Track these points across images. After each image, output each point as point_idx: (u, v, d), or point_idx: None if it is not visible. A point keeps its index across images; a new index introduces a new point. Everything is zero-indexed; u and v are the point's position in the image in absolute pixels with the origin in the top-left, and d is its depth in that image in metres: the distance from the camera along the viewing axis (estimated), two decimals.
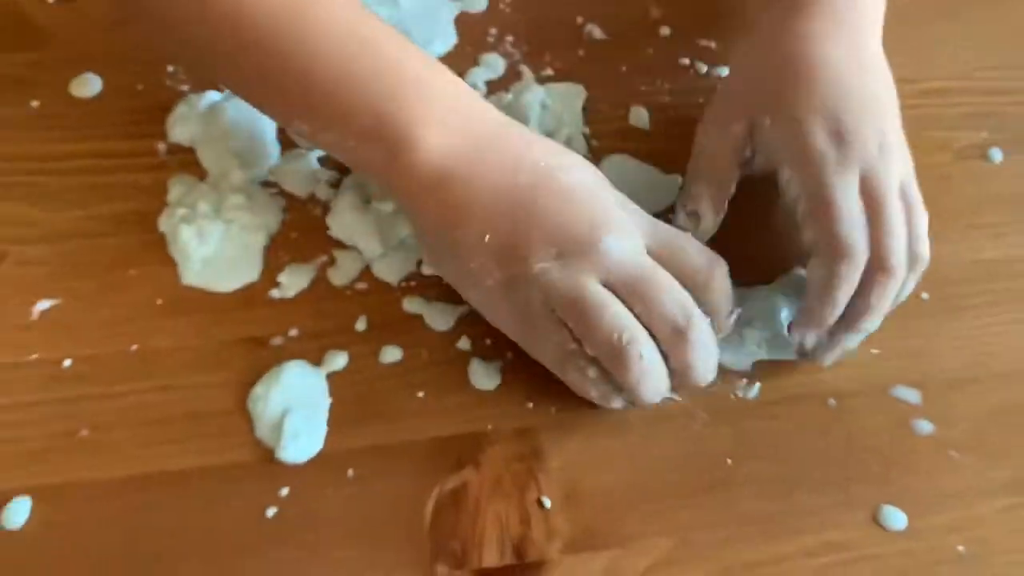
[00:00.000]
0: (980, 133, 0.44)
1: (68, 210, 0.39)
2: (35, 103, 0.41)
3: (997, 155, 0.44)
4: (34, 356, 0.36)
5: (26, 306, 0.37)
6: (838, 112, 0.37)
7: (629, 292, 0.34)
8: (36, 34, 0.43)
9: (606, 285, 0.34)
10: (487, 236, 0.34)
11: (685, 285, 0.35)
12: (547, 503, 0.34)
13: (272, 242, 0.39)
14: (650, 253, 0.35)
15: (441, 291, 0.38)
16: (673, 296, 0.34)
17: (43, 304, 0.37)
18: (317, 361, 0.36)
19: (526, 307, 0.35)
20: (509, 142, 0.36)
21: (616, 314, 0.34)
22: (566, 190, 0.35)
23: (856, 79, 0.38)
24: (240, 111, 0.41)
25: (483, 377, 0.37)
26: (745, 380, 0.37)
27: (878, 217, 0.36)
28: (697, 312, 0.35)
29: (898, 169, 0.37)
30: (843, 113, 0.37)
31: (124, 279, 0.38)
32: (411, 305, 0.38)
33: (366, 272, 0.38)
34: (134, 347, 0.36)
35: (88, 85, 0.42)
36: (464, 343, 0.37)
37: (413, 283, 0.39)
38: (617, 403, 0.36)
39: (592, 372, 0.35)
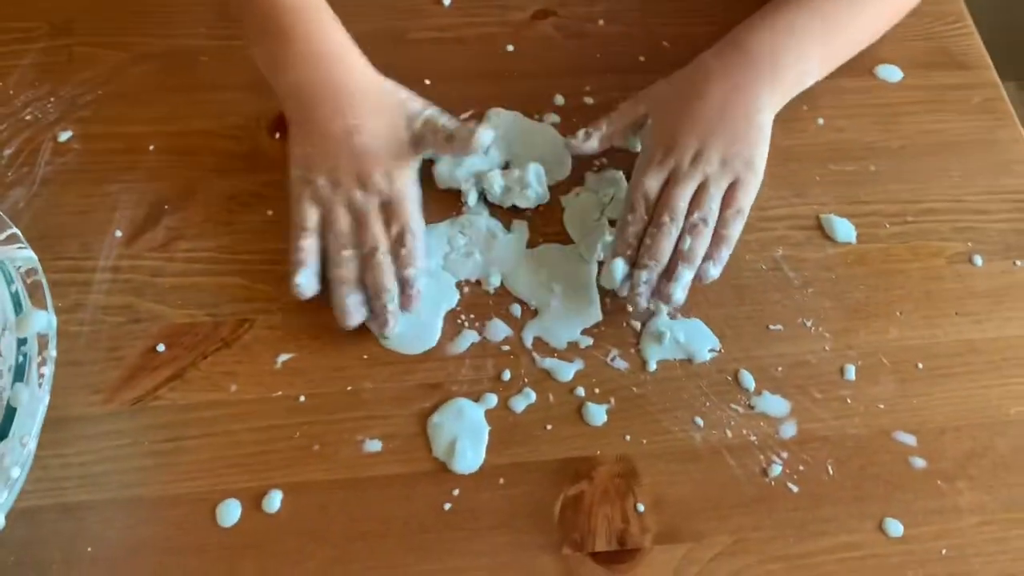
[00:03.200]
0: (966, 243, 0.57)
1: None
2: (270, 212, 0.57)
3: (979, 260, 0.57)
4: (279, 393, 0.51)
5: (272, 357, 0.52)
6: (674, 129, 0.56)
7: (356, 223, 0.54)
8: (268, 161, 0.59)
9: (348, 210, 0.54)
10: (306, 147, 0.55)
11: (388, 232, 0.54)
12: (640, 508, 0.48)
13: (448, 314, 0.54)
14: (384, 206, 0.54)
15: (563, 354, 0.53)
16: (373, 232, 0.53)
17: (284, 356, 0.52)
18: (476, 400, 0.51)
19: (302, 196, 0.54)
20: (340, 99, 0.55)
21: (343, 227, 0.53)
22: (357, 150, 0.54)
23: (719, 114, 0.55)
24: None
25: (594, 416, 0.51)
26: (779, 423, 0.51)
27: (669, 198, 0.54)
28: (383, 247, 0.53)
29: (726, 181, 0.54)
30: (682, 134, 0.55)
31: (340, 338, 0.53)
32: (542, 363, 0.52)
33: (510, 338, 0.53)
34: (349, 388, 0.51)
35: None
36: (580, 391, 0.52)
37: (542, 347, 0.53)
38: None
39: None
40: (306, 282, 0.52)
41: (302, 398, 0.51)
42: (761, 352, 0.53)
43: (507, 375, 0.52)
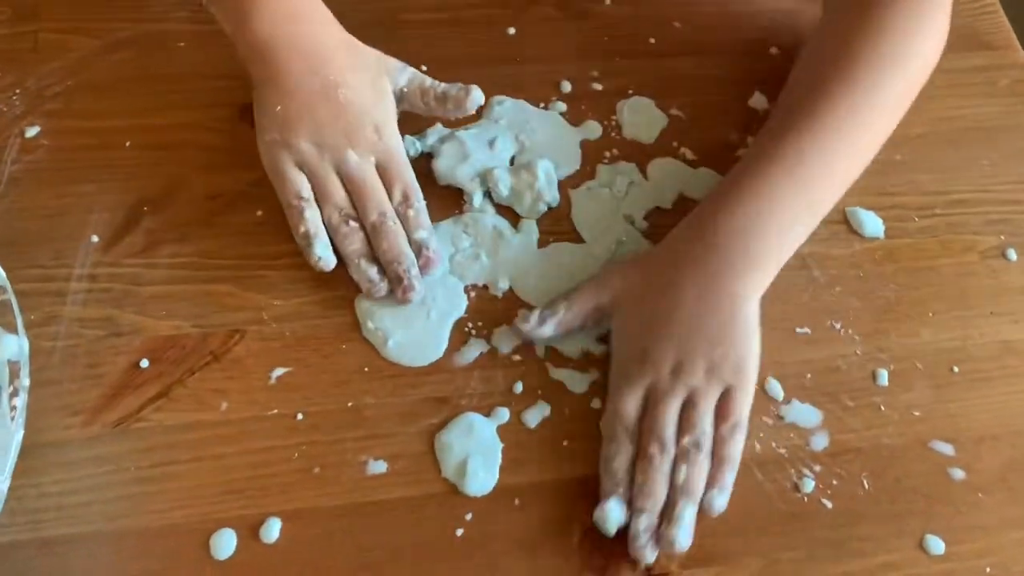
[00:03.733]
0: (999, 236, 0.54)
1: (291, 297, 0.50)
2: (259, 212, 0.53)
3: (1013, 255, 0.54)
4: (274, 411, 0.47)
5: (265, 372, 0.48)
6: (645, 337, 0.47)
7: (353, 189, 0.50)
8: (256, 155, 0.54)
9: (340, 176, 0.50)
10: (278, 107, 0.50)
11: (391, 196, 0.51)
12: None
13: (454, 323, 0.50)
14: (377, 167, 0.51)
15: (577, 363, 0.49)
16: (376, 198, 0.50)
17: (279, 371, 0.48)
18: (488, 414, 0.48)
19: (283, 163, 0.50)
20: (315, 53, 0.51)
21: (341, 198, 0.50)
22: (340, 105, 0.51)
23: (696, 313, 0.47)
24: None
25: None
26: (811, 435, 0.48)
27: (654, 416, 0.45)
28: (390, 212, 0.50)
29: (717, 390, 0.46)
30: (656, 342, 0.47)
31: (338, 351, 0.49)
32: (556, 373, 0.49)
33: (520, 347, 0.50)
34: (349, 404, 0.48)
35: None
36: (596, 403, 0.48)
37: (555, 357, 0.50)
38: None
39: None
40: (326, 253, 0.49)
41: (299, 416, 0.47)
42: (789, 358, 0.50)
43: (519, 387, 0.48)
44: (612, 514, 0.44)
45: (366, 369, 0.49)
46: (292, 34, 0.51)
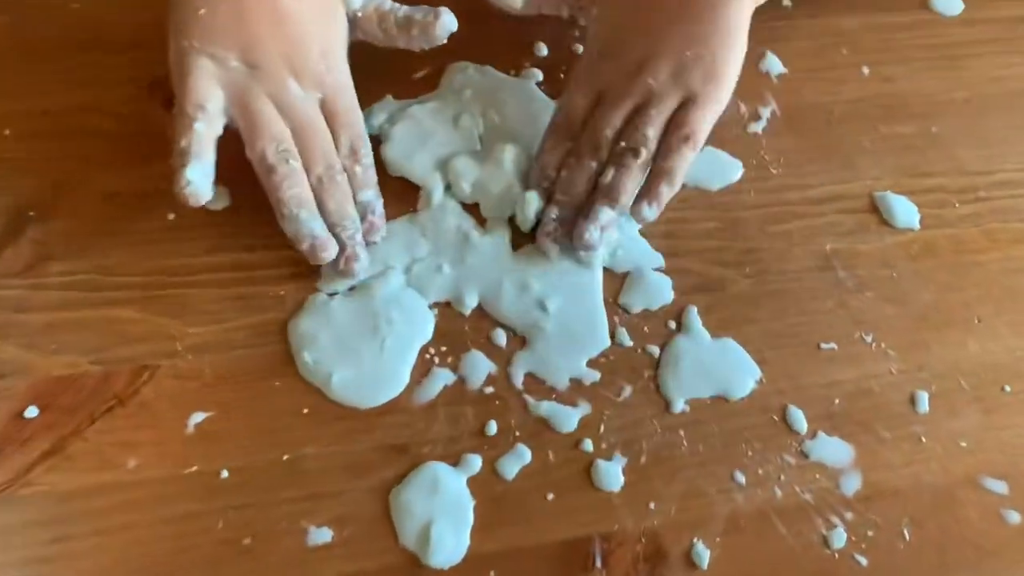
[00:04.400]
0: None
1: (211, 323, 0.41)
2: (171, 216, 0.44)
3: None
4: (193, 468, 0.39)
5: (181, 419, 0.39)
6: (617, 31, 0.44)
7: (294, 129, 0.41)
8: (164, 144, 0.44)
9: (278, 111, 0.41)
10: (202, 10, 0.40)
11: (337, 146, 0.42)
12: None
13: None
14: (323, 106, 0.42)
15: (563, 395, 0.41)
16: (323, 146, 0.42)
17: (197, 417, 0.40)
18: (455, 464, 0.39)
19: (198, 69, 0.40)
20: None
21: (280, 131, 0.41)
22: (280, 16, 0.42)
23: (676, 9, 0.42)
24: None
25: (607, 478, 0.39)
26: (840, 475, 0.40)
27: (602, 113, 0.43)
28: (337, 165, 0.42)
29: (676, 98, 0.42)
30: (627, 35, 0.43)
31: (270, 390, 0.40)
32: (538, 408, 0.41)
33: (494, 376, 0.41)
34: (285, 456, 0.39)
35: (219, 198, 0.44)
36: (587, 445, 0.40)
37: (536, 387, 0.41)
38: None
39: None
40: (199, 179, 0.39)
41: (224, 473, 0.39)
42: (812, 380, 0.42)
43: (493, 428, 0.40)
44: (530, 204, 0.43)
45: (305, 411, 0.40)
46: None
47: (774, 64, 0.49)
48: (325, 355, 0.40)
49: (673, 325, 0.43)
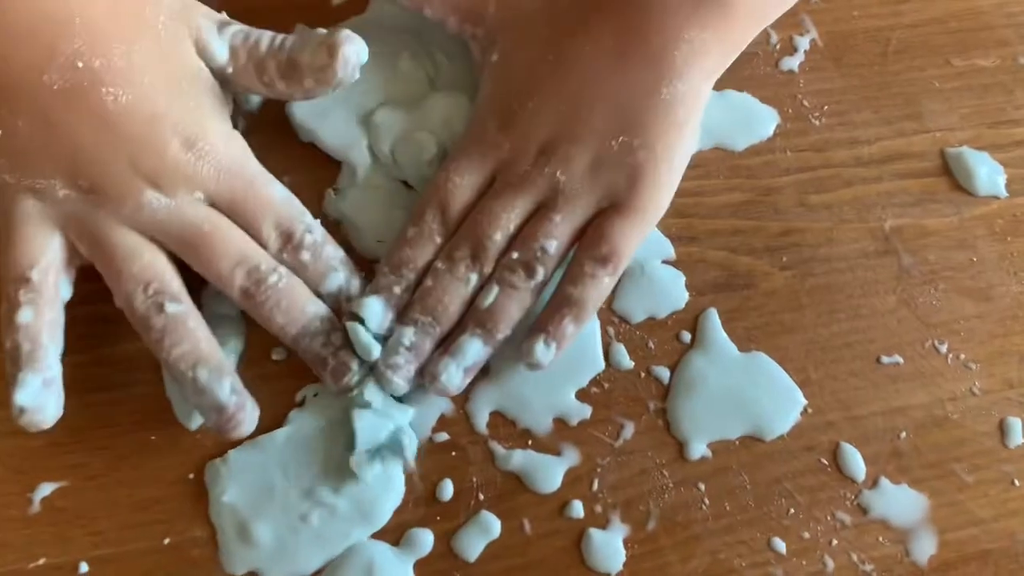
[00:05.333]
0: None
1: (65, 355, 0.31)
2: None
3: None
4: (41, 561, 0.28)
5: (23, 492, 0.29)
6: (523, 90, 0.32)
7: (178, 249, 0.30)
8: None
9: (146, 236, 0.30)
10: (9, 137, 0.28)
11: (260, 242, 0.30)
12: None
13: None
14: (215, 205, 0.30)
15: (539, 440, 0.31)
16: (232, 251, 0.30)
17: (45, 488, 0.29)
18: (397, 543, 0.29)
19: (23, 217, 0.29)
20: (46, 19, 0.27)
21: (144, 266, 0.29)
22: (107, 113, 0.28)
23: (603, 83, 0.31)
24: None
25: (603, 554, 0.29)
26: (911, 536, 0.31)
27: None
28: (266, 264, 0.30)
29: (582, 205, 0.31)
30: (534, 100, 0.32)
31: (144, 446, 0.30)
32: (508, 460, 0.30)
33: (448, 418, 0.31)
34: (166, 540, 0.29)
35: None
36: (576, 509, 0.30)
37: (505, 431, 0.31)
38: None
39: None
40: (35, 402, 0.28)
41: (83, 567, 0.28)
42: (871, 408, 0.32)
43: (448, 490, 0.30)
44: (372, 313, 0.30)
45: (191, 475, 0.30)
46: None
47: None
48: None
49: (687, 337, 0.32)
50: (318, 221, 0.31)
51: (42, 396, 0.28)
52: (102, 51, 0.28)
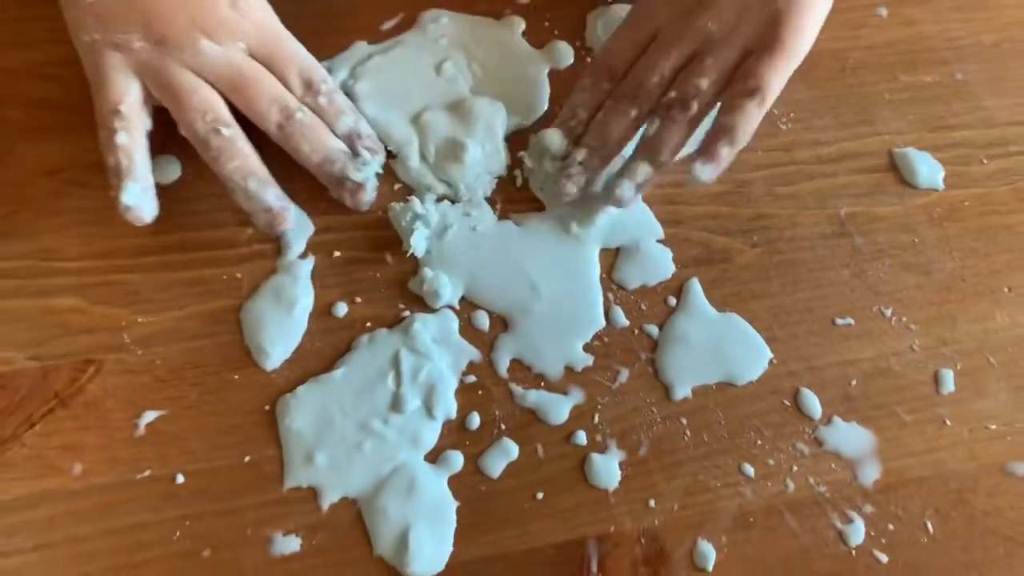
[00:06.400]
0: None
1: (161, 311, 0.37)
2: (112, 192, 0.39)
3: None
4: (147, 473, 0.35)
5: (131, 419, 0.36)
6: None
7: (227, 89, 0.37)
8: None
9: (203, 78, 0.37)
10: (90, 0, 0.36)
11: (288, 87, 0.38)
12: None
13: None
14: (253, 54, 0.38)
15: (550, 383, 0.37)
16: (269, 93, 0.37)
17: (148, 415, 0.36)
18: (434, 462, 0.36)
19: (109, 66, 0.36)
20: None
21: (204, 98, 0.37)
22: None
23: None
24: None
25: (602, 474, 0.36)
26: (858, 464, 0.37)
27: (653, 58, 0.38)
28: (294, 104, 0.38)
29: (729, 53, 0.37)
30: None
31: (228, 384, 0.36)
32: (524, 398, 0.37)
33: (476, 364, 0.37)
34: (247, 458, 0.35)
35: (168, 170, 0.39)
36: (580, 437, 0.36)
37: (522, 375, 0.38)
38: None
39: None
40: (137, 202, 0.36)
41: (180, 478, 0.35)
42: (827, 360, 0.38)
43: (475, 421, 0.36)
44: (553, 140, 0.38)
45: (267, 407, 0.36)
46: None
47: None
48: (273, 341, 0.37)
49: (673, 301, 0.39)
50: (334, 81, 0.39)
51: (142, 198, 0.36)
52: None
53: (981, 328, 0.39)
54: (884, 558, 0.35)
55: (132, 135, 0.36)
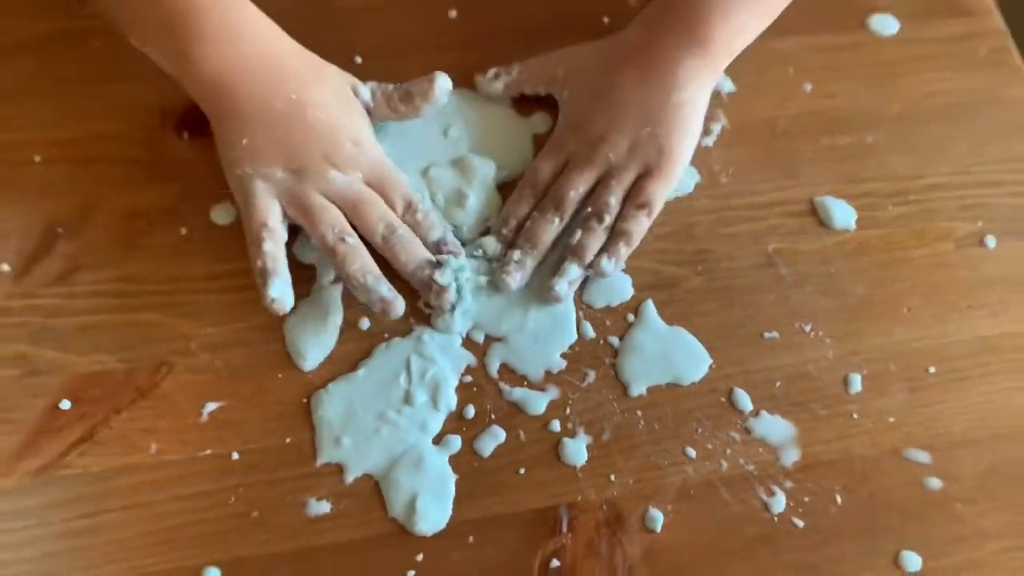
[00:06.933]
0: (976, 223, 0.51)
1: (222, 324, 0.47)
2: (184, 231, 0.49)
3: (992, 242, 0.50)
4: (208, 451, 0.44)
5: (196, 408, 0.45)
6: (583, 112, 0.50)
7: (348, 209, 0.47)
8: (179, 167, 0.50)
9: (330, 199, 0.46)
10: (244, 140, 0.46)
11: (393, 208, 0.47)
12: (629, 560, 0.43)
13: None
14: (367, 182, 0.47)
15: (531, 382, 0.46)
16: (377, 212, 0.47)
17: (211, 406, 0.45)
18: (438, 443, 0.44)
19: (257, 191, 0.46)
20: (271, 71, 0.47)
21: (333, 216, 0.46)
22: (310, 125, 0.47)
23: (633, 93, 0.49)
24: None
25: (572, 454, 0.44)
26: (781, 449, 0.45)
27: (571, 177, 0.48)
28: (396, 222, 0.47)
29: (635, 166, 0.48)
30: (591, 116, 0.49)
31: (275, 381, 0.46)
32: (510, 395, 0.46)
33: (472, 367, 0.46)
34: (288, 440, 0.44)
35: (226, 213, 0.49)
36: (555, 425, 0.45)
37: (509, 376, 0.46)
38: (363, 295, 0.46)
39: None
40: (281, 295, 0.44)
41: (235, 455, 0.44)
42: (757, 365, 0.47)
43: (471, 411, 0.45)
44: (488, 246, 0.48)
45: (304, 400, 0.45)
46: (242, 58, 0.46)
47: (725, 83, 0.54)
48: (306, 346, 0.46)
49: (631, 318, 0.48)
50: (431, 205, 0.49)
51: (284, 292, 0.45)
52: (305, 89, 0.47)
53: (884, 341, 0.48)
54: (800, 524, 0.44)
55: (276, 243, 0.45)
